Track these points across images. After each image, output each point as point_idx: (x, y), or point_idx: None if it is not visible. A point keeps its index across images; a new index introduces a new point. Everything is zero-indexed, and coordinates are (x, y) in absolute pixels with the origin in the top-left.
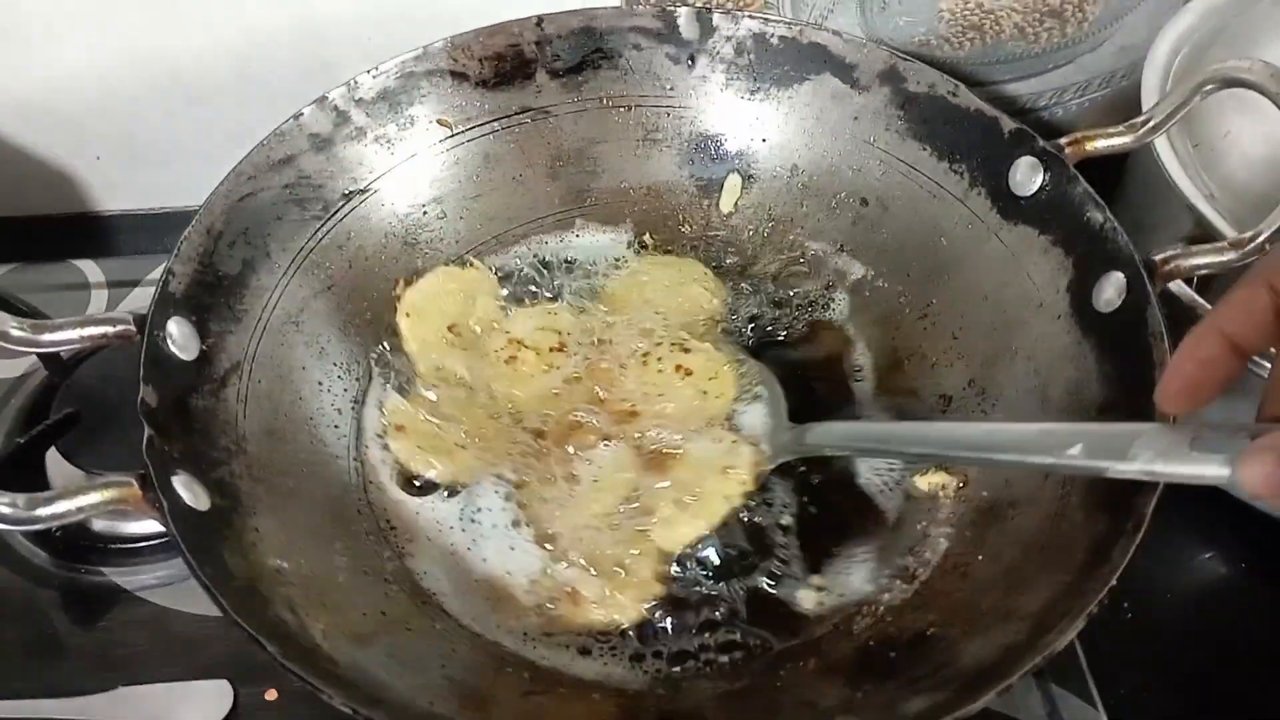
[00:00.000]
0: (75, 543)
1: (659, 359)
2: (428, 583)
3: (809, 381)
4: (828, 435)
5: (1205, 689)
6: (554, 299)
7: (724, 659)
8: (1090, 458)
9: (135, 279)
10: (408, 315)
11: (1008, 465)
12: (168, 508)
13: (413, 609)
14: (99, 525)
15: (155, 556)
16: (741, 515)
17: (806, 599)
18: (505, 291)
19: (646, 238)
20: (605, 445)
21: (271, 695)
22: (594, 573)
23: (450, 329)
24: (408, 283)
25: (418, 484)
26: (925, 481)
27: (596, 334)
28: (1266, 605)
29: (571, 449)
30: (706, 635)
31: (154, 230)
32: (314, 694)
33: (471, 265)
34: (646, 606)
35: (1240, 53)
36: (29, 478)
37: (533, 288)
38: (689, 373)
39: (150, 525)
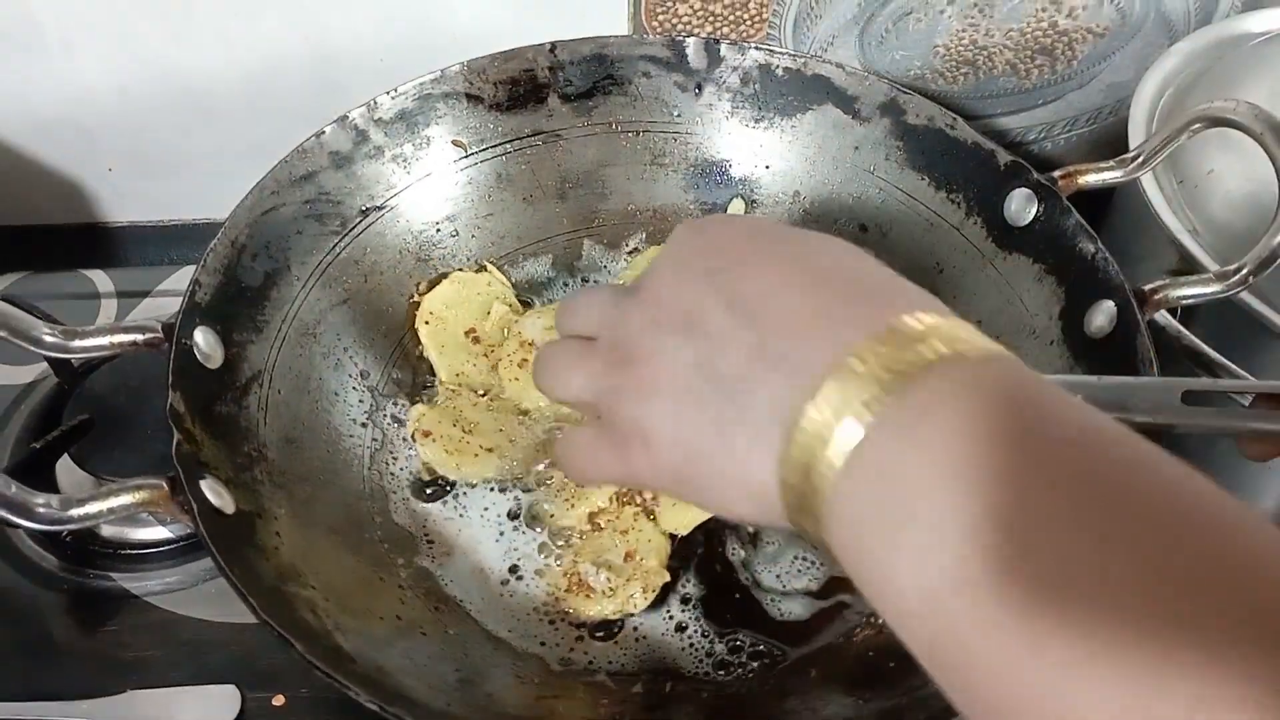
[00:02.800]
0: (84, 547)
1: None
2: (447, 589)
3: None
4: None
5: None
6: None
7: (722, 670)
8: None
9: (145, 289)
10: (426, 322)
11: None
12: (197, 511)
13: (427, 614)
14: (108, 530)
15: (163, 562)
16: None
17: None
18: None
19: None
20: None
21: (279, 701)
22: (603, 565)
23: (468, 334)
24: (426, 289)
25: (429, 490)
26: None
27: None
28: None
29: None
30: (713, 643)
31: (163, 242)
32: (322, 700)
33: (486, 270)
34: (654, 594)
35: (1222, 94)
36: (40, 483)
37: (546, 293)
38: None
39: (159, 532)
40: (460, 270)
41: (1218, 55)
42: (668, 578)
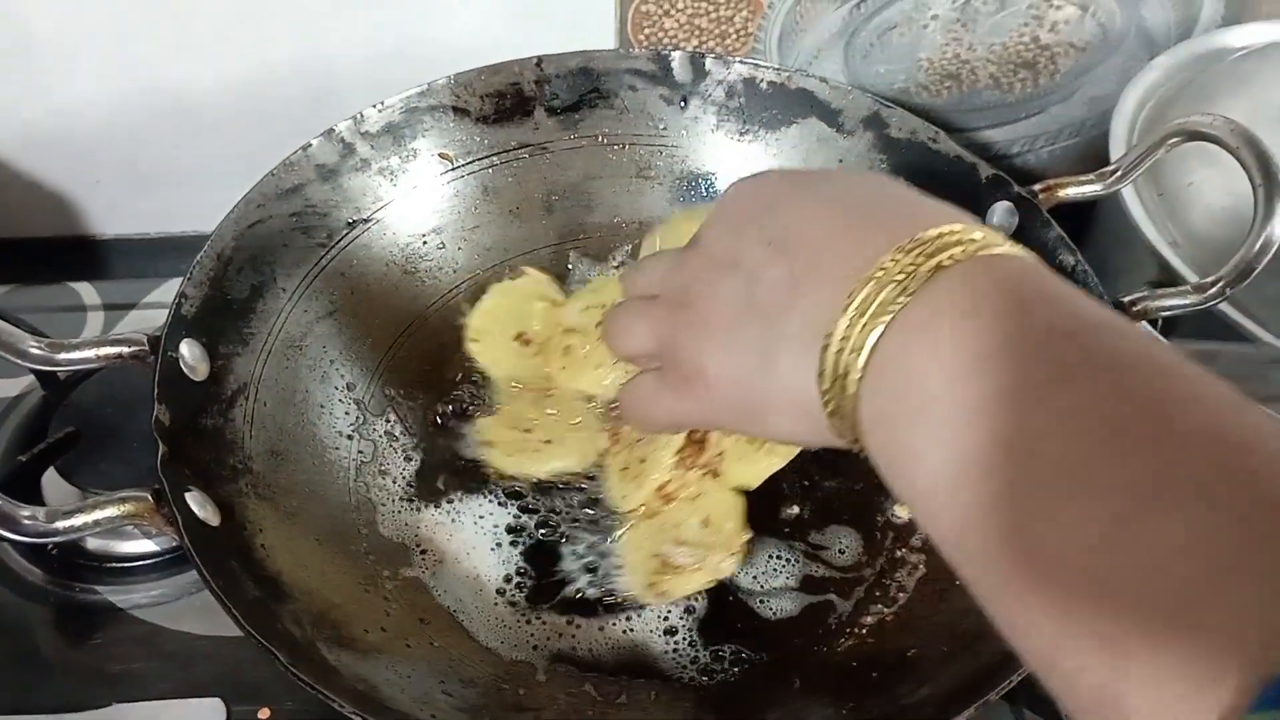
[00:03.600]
0: (70, 560)
1: None
2: (437, 600)
3: None
4: None
5: None
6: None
7: (705, 676)
8: None
9: (131, 302)
10: (474, 341)
11: None
12: (182, 522)
13: (412, 626)
14: (93, 544)
15: (149, 575)
16: None
17: None
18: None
19: None
20: None
21: (264, 714)
22: (683, 541)
23: (517, 338)
24: (471, 304)
25: (424, 500)
26: (905, 509)
27: None
28: None
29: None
30: (699, 647)
31: (150, 255)
32: (307, 713)
33: (524, 273)
34: (739, 555)
35: (1201, 108)
36: (25, 496)
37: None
38: None
39: (145, 545)
40: (499, 283)
41: (1197, 70)
42: (750, 535)
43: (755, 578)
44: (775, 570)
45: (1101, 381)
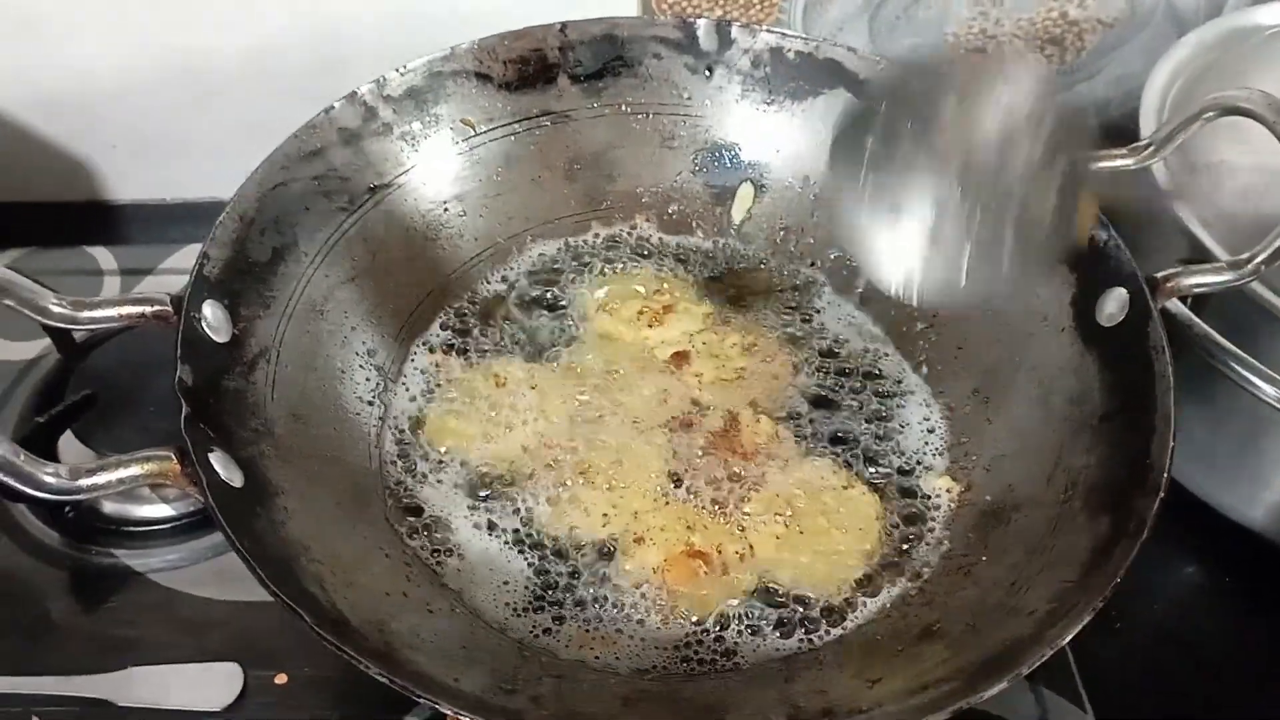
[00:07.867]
0: (87, 524)
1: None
2: (459, 565)
3: None
4: None
5: (1187, 693)
6: None
7: (726, 659)
8: None
9: (147, 267)
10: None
11: None
12: (206, 482)
13: (434, 591)
14: (110, 507)
15: (166, 539)
16: None
17: None
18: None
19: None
20: None
21: (281, 679)
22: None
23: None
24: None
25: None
26: (930, 484)
27: None
28: (1244, 615)
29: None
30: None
31: (166, 220)
32: (324, 678)
33: None
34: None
35: (1232, 85)
36: (43, 458)
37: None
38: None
39: (161, 509)
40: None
41: (1228, 47)
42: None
43: None
44: None
45: None
